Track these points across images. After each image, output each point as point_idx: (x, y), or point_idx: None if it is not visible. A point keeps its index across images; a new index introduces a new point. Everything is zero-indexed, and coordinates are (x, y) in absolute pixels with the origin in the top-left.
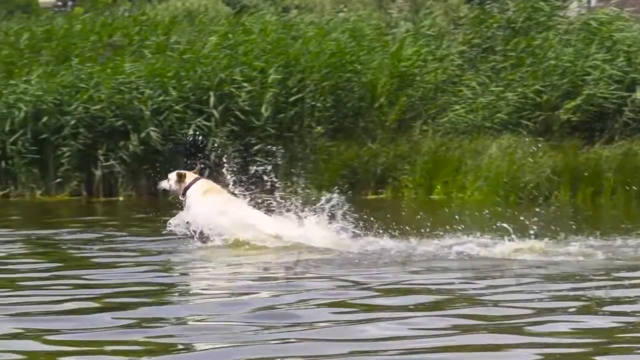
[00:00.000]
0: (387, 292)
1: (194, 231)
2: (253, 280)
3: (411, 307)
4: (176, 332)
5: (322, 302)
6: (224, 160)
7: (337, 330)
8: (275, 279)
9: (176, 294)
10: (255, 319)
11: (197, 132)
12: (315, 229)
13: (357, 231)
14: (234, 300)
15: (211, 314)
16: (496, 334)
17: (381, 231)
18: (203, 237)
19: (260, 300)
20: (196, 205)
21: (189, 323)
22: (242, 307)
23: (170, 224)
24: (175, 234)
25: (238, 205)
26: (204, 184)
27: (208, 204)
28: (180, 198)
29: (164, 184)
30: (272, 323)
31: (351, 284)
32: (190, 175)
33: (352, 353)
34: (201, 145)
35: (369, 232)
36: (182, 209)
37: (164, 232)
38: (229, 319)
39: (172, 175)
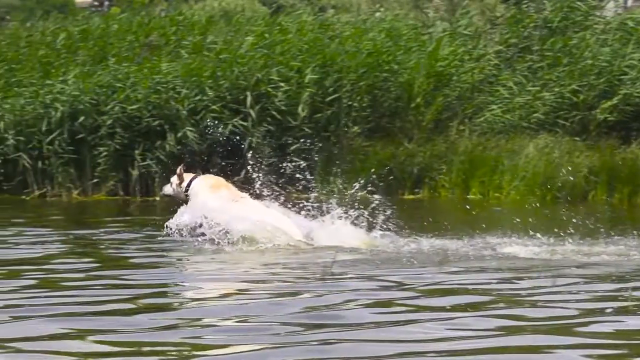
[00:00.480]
0: (429, 293)
1: (200, 227)
2: (291, 281)
3: (454, 307)
4: (215, 334)
5: (365, 302)
6: (251, 161)
7: (382, 332)
8: (314, 279)
9: (215, 294)
10: (296, 320)
11: (215, 128)
12: (342, 229)
13: (389, 230)
14: (275, 301)
15: (251, 314)
16: (540, 335)
17: (418, 231)
18: (212, 234)
19: (301, 300)
20: (205, 200)
21: (228, 324)
22: (283, 307)
23: (169, 227)
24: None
25: (248, 199)
26: (207, 178)
27: (218, 199)
28: (184, 198)
29: (166, 189)
30: (314, 324)
31: (392, 284)
32: (187, 175)
33: (399, 355)
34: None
35: (405, 232)
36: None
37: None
38: (270, 320)
39: (174, 179)
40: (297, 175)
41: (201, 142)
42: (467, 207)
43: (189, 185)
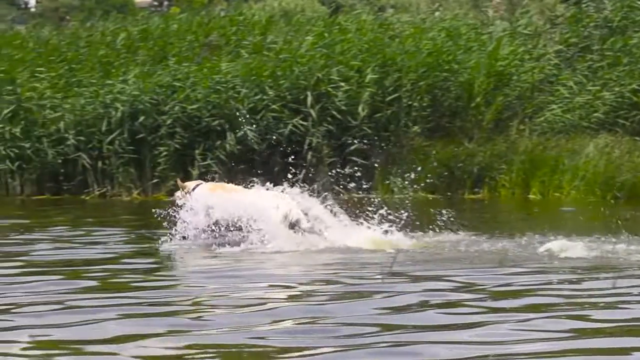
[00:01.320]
0: (497, 294)
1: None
2: (354, 281)
3: (523, 308)
4: (282, 335)
5: (435, 303)
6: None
7: (455, 333)
8: (377, 279)
9: (279, 295)
10: (364, 321)
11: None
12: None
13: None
14: (340, 302)
15: (317, 316)
16: (615, 338)
17: (477, 230)
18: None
19: (368, 301)
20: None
21: (295, 326)
22: (349, 308)
23: (174, 235)
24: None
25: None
26: (206, 184)
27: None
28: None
29: (178, 194)
30: (382, 325)
31: (459, 284)
32: (191, 183)
33: (477, 358)
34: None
35: (464, 232)
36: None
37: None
38: (336, 321)
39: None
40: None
41: (261, 142)
42: (528, 207)
43: (193, 190)
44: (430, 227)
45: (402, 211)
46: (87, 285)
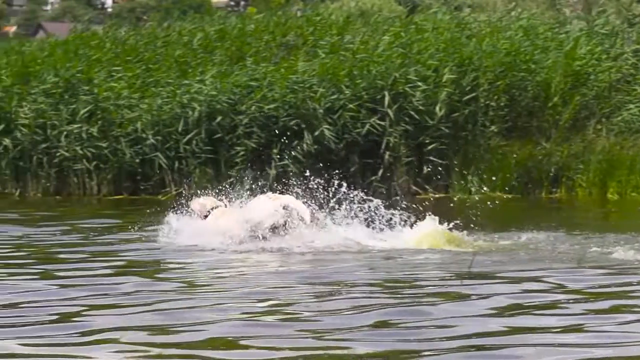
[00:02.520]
0: (593, 295)
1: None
2: (435, 282)
3: (624, 309)
4: (366, 338)
5: (528, 304)
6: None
7: (560, 337)
8: (457, 280)
9: (357, 296)
10: (451, 323)
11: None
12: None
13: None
14: (423, 304)
15: (400, 318)
16: None
17: (555, 230)
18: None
19: (455, 304)
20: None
21: (377, 329)
22: (435, 311)
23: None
24: None
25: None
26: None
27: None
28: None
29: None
30: (472, 327)
31: (551, 285)
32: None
33: None
34: None
35: (542, 231)
36: None
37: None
38: (420, 324)
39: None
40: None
41: (338, 141)
42: (605, 207)
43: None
44: (508, 226)
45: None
46: (170, 287)
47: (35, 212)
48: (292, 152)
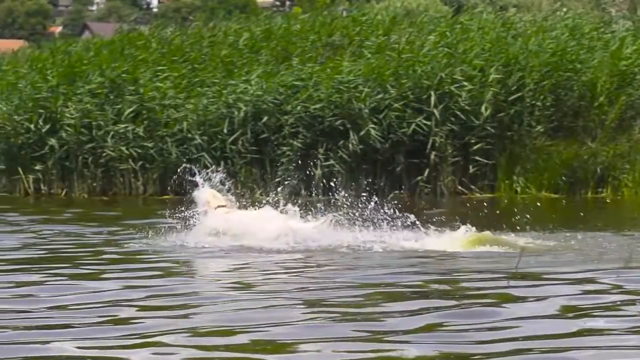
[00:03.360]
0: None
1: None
2: (481, 285)
3: None
4: (421, 340)
5: (586, 306)
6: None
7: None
8: (506, 281)
9: (408, 298)
10: (503, 325)
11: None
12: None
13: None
14: (471, 306)
15: (449, 319)
16: None
17: (601, 230)
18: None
19: (511, 306)
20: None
21: (427, 331)
22: (487, 314)
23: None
24: None
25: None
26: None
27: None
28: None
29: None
30: (540, 329)
31: (608, 286)
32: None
33: None
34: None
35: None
36: None
37: None
38: (471, 327)
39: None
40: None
41: (384, 141)
42: None
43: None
44: (554, 226)
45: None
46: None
47: (82, 211)
48: (338, 152)
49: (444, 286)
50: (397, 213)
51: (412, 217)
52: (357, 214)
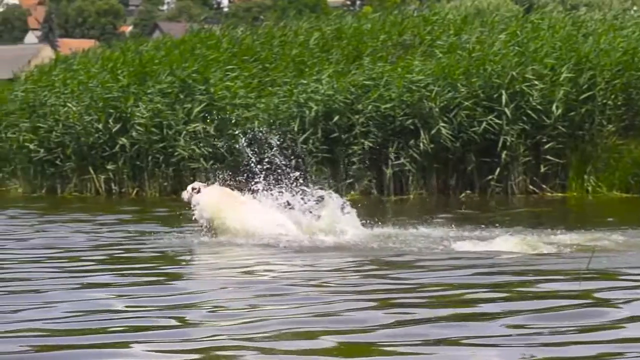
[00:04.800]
0: None
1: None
2: (567, 287)
3: None
4: (497, 342)
5: None
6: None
7: None
8: (580, 284)
9: (474, 297)
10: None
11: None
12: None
13: None
14: (544, 308)
15: (534, 324)
16: None
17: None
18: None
19: (591, 308)
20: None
21: (517, 334)
22: (562, 317)
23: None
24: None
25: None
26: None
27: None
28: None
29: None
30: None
31: None
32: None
33: None
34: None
35: None
36: None
37: None
38: (540, 328)
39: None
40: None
41: (454, 140)
42: None
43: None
44: (625, 225)
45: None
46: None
47: (153, 211)
48: (409, 151)
49: (519, 288)
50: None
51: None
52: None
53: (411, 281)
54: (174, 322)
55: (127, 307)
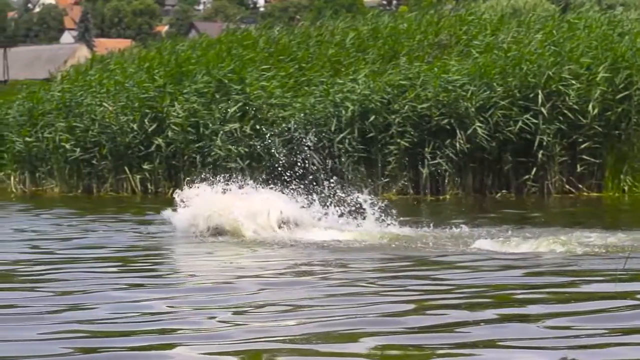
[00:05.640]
0: None
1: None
2: (591, 288)
3: None
4: (542, 345)
5: None
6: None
7: None
8: (616, 285)
9: (519, 297)
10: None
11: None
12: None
13: None
14: (577, 309)
15: (578, 325)
16: None
17: None
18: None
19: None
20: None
21: (534, 331)
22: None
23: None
24: None
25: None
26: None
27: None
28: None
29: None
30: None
31: None
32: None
33: None
34: None
35: None
36: None
37: None
38: (577, 329)
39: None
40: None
41: (490, 139)
42: None
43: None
44: None
45: None
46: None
47: None
48: (445, 151)
49: (559, 289)
50: None
51: None
52: None
53: (450, 282)
54: (214, 323)
55: (168, 307)
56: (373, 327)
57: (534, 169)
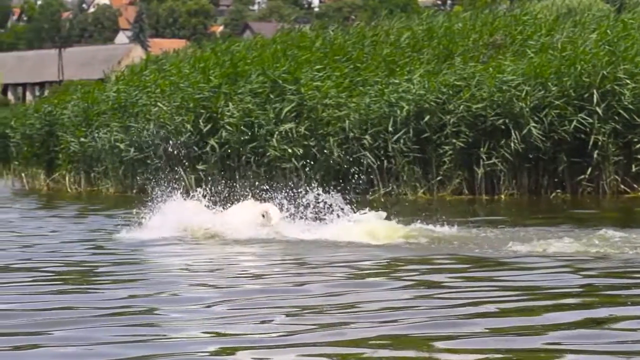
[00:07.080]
0: None
1: None
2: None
3: None
4: (574, 339)
5: None
6: None
7: None
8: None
9: (562, 295)
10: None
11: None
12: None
13: None
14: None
15: (612, 320)
16: None
17: None
18: None
19: None
20: None
21: (571, 330)
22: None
23: None
24: None
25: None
26: None
27: None
28: None
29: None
30: None
31: None
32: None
33: None
34: None
35: None
36: None
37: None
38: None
39: None
40: None
41: (545, 139)
42: None
43: None
44: None
45: None
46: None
47: None
48: (500, 151)
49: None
50: None
51: None
52: None
53: (515, 284)
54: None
55: (228, 309)
56: (440, 330)
57: (589, 169)
